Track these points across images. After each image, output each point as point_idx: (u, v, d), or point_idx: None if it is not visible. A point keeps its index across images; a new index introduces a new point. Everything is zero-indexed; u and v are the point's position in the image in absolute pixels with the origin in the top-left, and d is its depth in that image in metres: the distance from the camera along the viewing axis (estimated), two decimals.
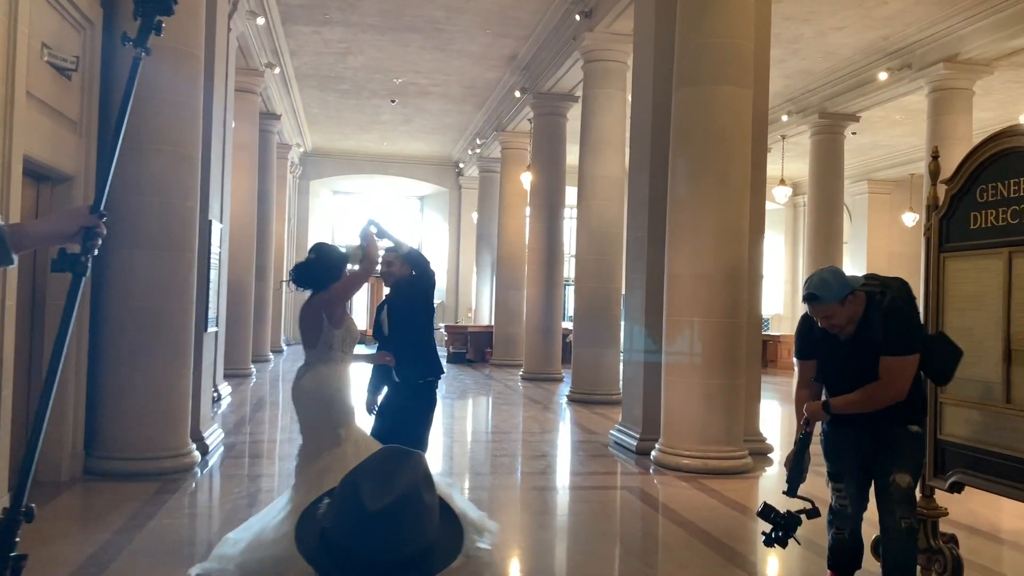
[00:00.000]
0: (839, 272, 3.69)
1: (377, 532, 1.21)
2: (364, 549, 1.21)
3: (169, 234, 6.74)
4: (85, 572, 4.42)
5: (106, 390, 6.67)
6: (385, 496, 1.23)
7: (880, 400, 3.60)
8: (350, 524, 1.23)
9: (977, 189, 4.29)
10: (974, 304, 4.29)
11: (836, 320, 3.62)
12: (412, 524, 1.24)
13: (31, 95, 5.39)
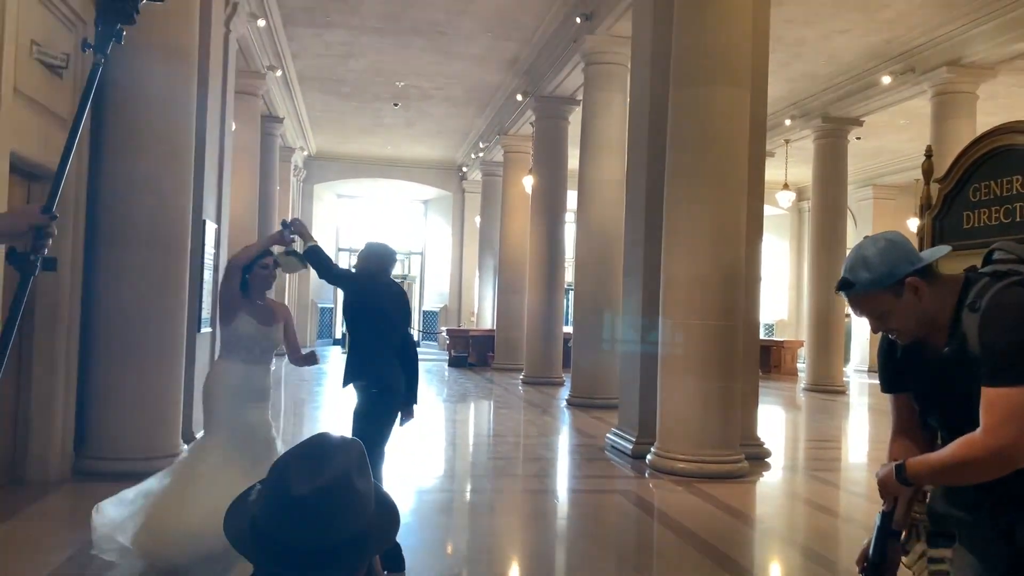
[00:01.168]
0: (895, 242, 2.06)
1: (304, 518, 1.19)
2: (291, 536, 1.19)
3: (160, 233, 6.70)
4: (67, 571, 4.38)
5: (97, 390, 6.64)
6: (313, 481, 1.20)
7: (981, 464, 1.89)
8: (277, 510, 1.20)
9: (970, 188, 4.22)
10: None
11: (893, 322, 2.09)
12: (342, 511, 1.21)
13: (20, 92, 5.37)
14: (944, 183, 4.39)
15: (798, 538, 6.03)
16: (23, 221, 1.83)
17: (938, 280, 2.00)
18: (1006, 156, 4.00)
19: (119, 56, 6.39)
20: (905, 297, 1.99)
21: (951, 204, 4.36)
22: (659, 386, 7.70)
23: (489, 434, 10.73)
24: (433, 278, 27.96)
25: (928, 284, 1.97)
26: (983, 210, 4.13)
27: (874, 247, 2.02)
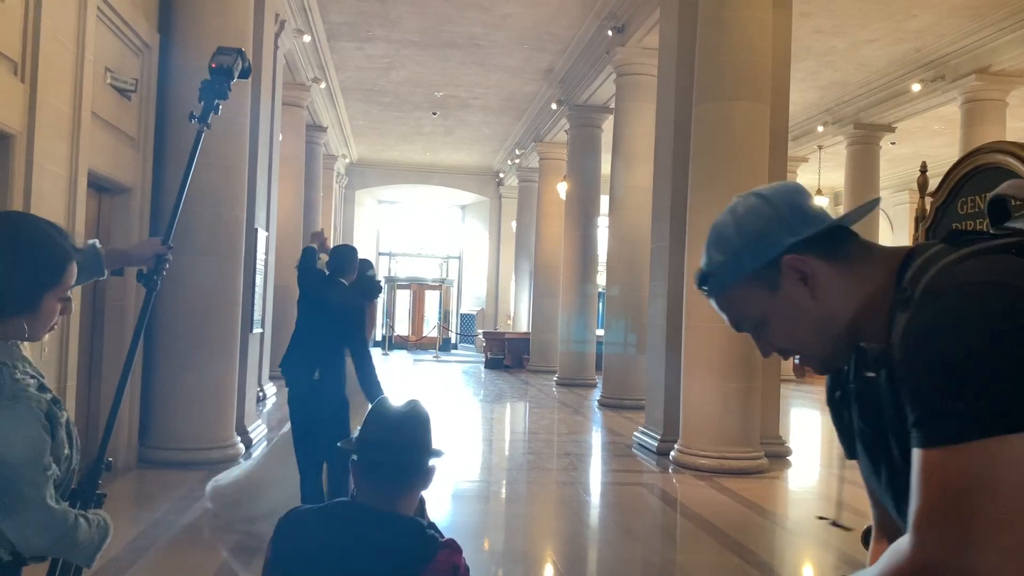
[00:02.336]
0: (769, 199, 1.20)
1: (399, 427, 1.85)
2: (394, 437, 1.83)
3: (218, 242, 7.28)
4: (138, 545, 4.92)
5: (159, 386, 7.22)
6: (402, 408, 1.89)
7: None
8: (380, 425, 1.86)
9: (958, 201, 4.58)
10: None
11: (776, 336, 1.22)
12: (420, 425, 1.88)
13: (95, 115, 5.94)
14: (936, 196, 4.75)
15: (811, 530, 6.38)
16: (149, 250, 2.36)
17: (861, 259, 1.16)
18: (989, 173, 4.35)
19: (182, 80, 7.00)
20: (785, 290, 1.16)
21: (942, 216, 4.71)
22: (682, 386, 8.09)
23: (523, 432, 11.18)
24: (470, 282, 28.50)
25: (833, 265, 1.14)
26: (969, 223, 4.48)
27: (734, 213, 1.20)
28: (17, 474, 1.62)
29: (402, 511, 1.81)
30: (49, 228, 1.84)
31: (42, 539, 1.68)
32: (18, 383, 1.67)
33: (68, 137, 5.43)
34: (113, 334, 6.80)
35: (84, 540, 1.74)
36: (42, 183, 5.04)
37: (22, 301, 1.74)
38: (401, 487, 1.83)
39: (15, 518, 1.63)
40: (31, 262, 1.74)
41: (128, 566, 4.55)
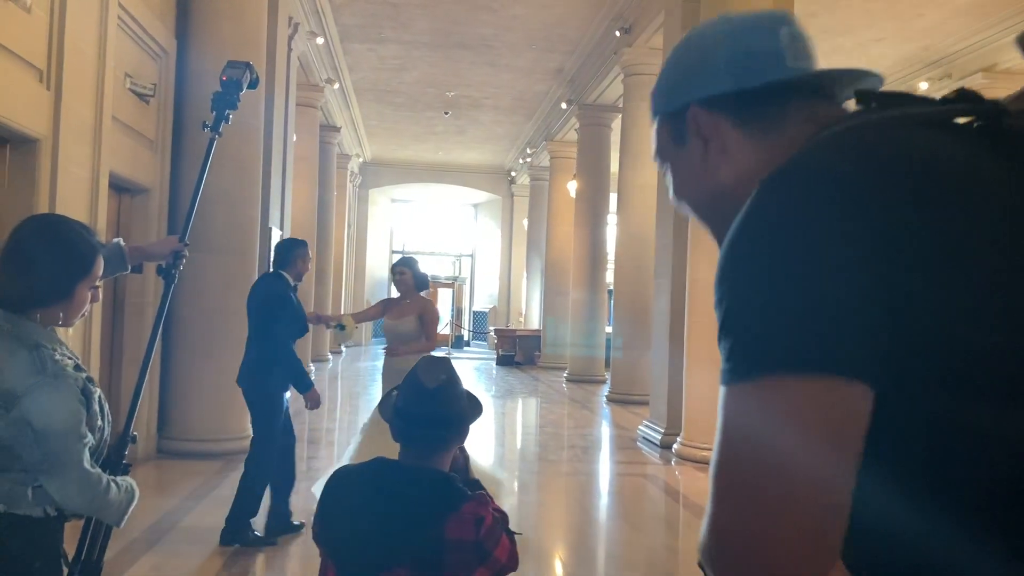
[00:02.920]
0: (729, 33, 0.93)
1: (433, 399, 1.95)
2: (424, 410, 1.94)
3: (233, 240, 7.54)
4: (157, 527, 5.18)
5: (177, 379, 7.49)
6: (436, 379, 1.99)
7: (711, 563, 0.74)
8: (415, 396, 1.97)
9: None
10: None
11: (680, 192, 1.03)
12: (453, 396, 2.00)
13: (115, 119, 6.20)
14: None
15: None
16: (168, 247, 2.64)
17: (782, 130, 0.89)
18: None
19: (198, 83, 7.25)
20: (688, 146, 0.96)
21: None
22: (684, 381, 8.28)
23: (531, 426, 11.40)
24: (483, 279, 28.74)
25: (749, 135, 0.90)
26: None
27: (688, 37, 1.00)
28: (59, 441, 1.86)
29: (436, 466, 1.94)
30: (78, 226, 2.10)
31: (79, 498, 1.92)
32: (58, 363, 1.91)
33: (90, 141, 5.69)
34: (132, 329, 7.07)
35: (114, 501, 1.98)
36: (66, 185, 5.30)
37: (59, 291, 1.99)
38: (433, 452, 1.95)
39: (57, 479, 1.88)
40: (65, 257, 2.00)
41: (148, 548, 4.81)
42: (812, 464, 0.66)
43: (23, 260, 1.97)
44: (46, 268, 1.96)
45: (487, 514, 1.83)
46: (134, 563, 4.53)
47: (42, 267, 1.96)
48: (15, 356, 1.87)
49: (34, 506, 1.91)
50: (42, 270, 1.96)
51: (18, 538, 1.90)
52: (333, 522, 1.90)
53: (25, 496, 1.89)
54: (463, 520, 1.79)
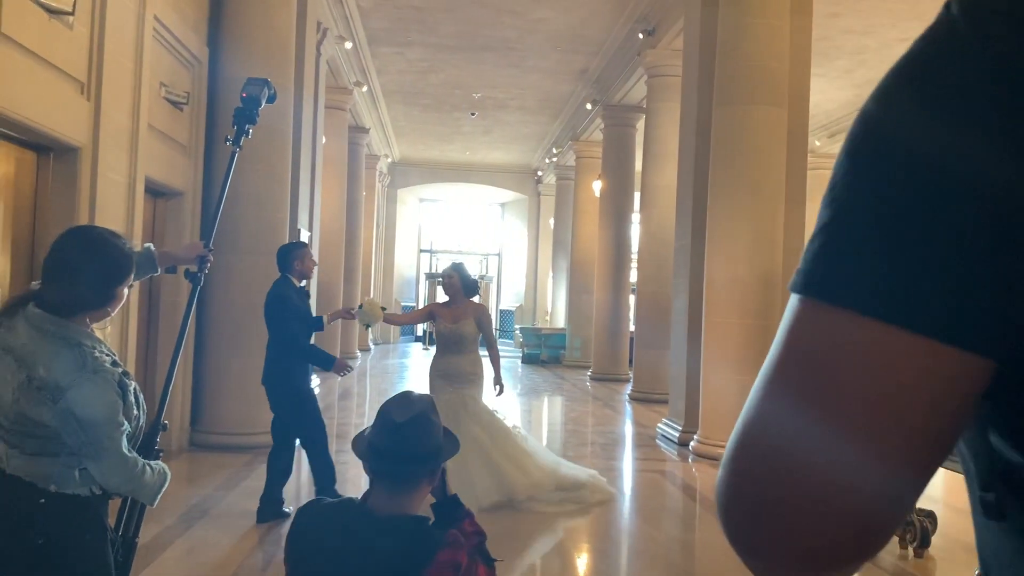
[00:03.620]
0: None
1: (402, 436, 1.96)
2: (394, 447, 1.96)
3: (262, 241, 7.82)
4: (189, 516, 5.46)
5: (208, 375, 7.79)
6: (407, 415, 1.99)
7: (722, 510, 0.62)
8: (386, 432, 1.98)
9: None
10: None
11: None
12: (424, 432, 1.99)
13: (151, 126, 6.50)
14: None
15: None
16: (194, 252, 2.89)
17: None
18: None
19: (229, 90, 7.54)
20: None
21: None
22: (701, 380, 8.44)
23: (553, 423, 11.60)
24: (509, 278, 28.96)
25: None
26: None
27: None
28: (99, 429, 2.11)
29: (410, 509, 1.92)
30: (111, 236, 2.35)
31: (118, 479, 2.18)
32: (97, 360, 2.16)
33: (128, 148, 5.99)
34: (166, 327, 7.38)
35: (149, 482, 2.23)
36: (105, 190, 5.60)
37: (105, 295, 2.27)
38: (406, 490, 1.94)
39: (99, 462, 2.13)
40: (105, 266, 2.26)
41: (181, 533, 5.09)
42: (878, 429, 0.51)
43: (68, 271, 2.22)
44: (89, 277, 2.22)
45: (462, 556, 1.83)
46: (168, 546, 4.80)
47: (86, 276, 2.21)
48: (60, 355, 2.11)
49: (81, 486, 2.16)
50: (86, 279, 2.21)
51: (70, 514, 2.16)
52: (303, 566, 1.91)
53: (73, 477, 2.15)
54: (440, 570, 1.78)
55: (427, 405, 2.01)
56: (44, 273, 2.25)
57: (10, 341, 2.14)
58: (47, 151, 5.24)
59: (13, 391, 2.09)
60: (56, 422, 2.08)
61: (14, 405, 2.09)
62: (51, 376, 2.08)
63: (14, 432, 2.11)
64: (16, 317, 2.18)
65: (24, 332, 2.14)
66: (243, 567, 4.62)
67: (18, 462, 2.12)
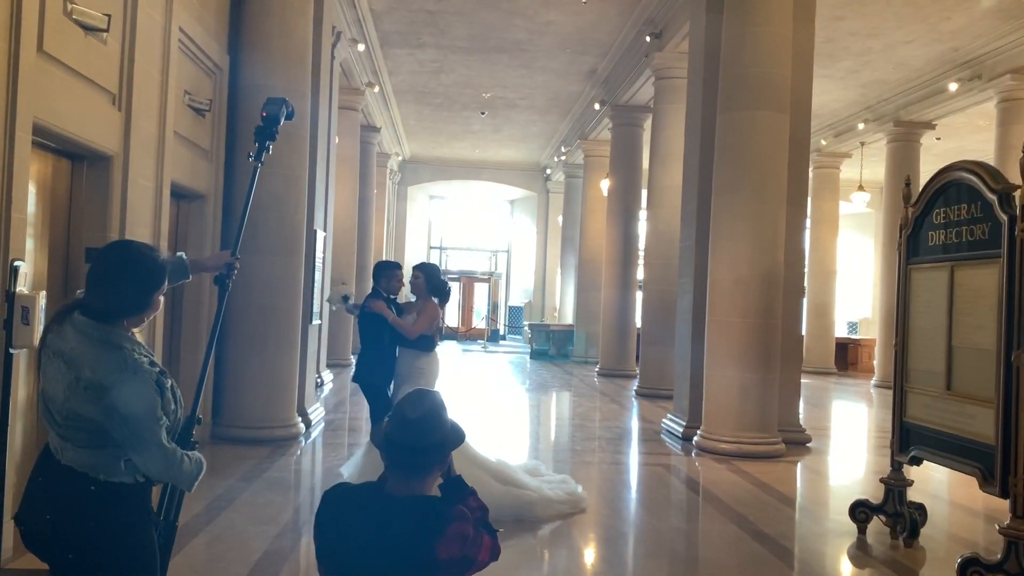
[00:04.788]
0: None
1: (414, 429, 2.23)
2: (407, 438, 2.23)
3: (282, 242, 8.11)
4: (215, 505, 5.76)
5: (229, 370, 8.09)
6: (418, 411, 2.27)
7: None
8: (400, 425, 2.26)
9: (933, 212, 5.13)
10: (929, 308, 5.12)
11: None
12: (434, 426, 2.26)
13: (176, 133, 6.78)
14: (915, 207, 5.31)
15: (812, 507, 6.96)
16: (222, 260, 3.14)
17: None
18: (957, 188, 4.91)
19: (249, 96, 7.82)
20: None
21: (920, 225, 5.27)
22: (705, 377, 8.69)
23: (560, 418, 11.87)
24: (518, 275, 29.22)
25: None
26: (941, 231, 5.05)
27: None
28: (140, 423, 2.35)
29: (423, 491, 2.18)
30: (145, 248, 2.61)
31: (158, 468, 2.42)
32: (136, 361, 2.41)
33: (155, 155, 6.28)
34: (190, 324, 7.67)
35: (186, 470, 2.47)
36: (135, 195, 5.88)
37: (143, 302, 2.53)
38: (419, 476, 2.19)
39: (141, 453, 2.38)
40: (145, 277, 2.53)
41: (208, 522, 5.38)
42: None
43: (111, 282, 2.47)
44: (129, 287, 2.48)
45: (469, 528, 2.10)
46: (197, 535, 5.10)
47: (127, 287, 2.47)
48: (103, 357, 2.37)
49: (126, 474, 2.41)
50: (126, 289, 2.47)
51: (117, 500, 2.42)
52: (330, 545, 2.16)
53: (119, 467, 2.40)
54: (450, 541, 2.05)
55: (436, 402, 2.27)
56: (88, 283, 2.50)
57: (60, 345, 2.40)
58: (81, 159, 5.52)
59: (64, 390, 2.34)
60: (101, 417, 2.32)
61: (65, 403, 2.34)
62: (96, 376, 2.33)
63: (67, 427, 2.37)
64: (64, 323, 2.43)
65: (72, 337, 2.40)
66: (267, 553, 4.90)
67: (71, 454, 2.38)
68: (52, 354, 2.40)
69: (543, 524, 5.81)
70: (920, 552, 5.31)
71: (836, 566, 5.45)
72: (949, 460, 4.91)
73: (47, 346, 2.44)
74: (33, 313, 3.99)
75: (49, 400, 2.40)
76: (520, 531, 5.61)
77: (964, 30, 12.85)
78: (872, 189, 21.05)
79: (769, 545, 5.54)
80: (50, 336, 2.45)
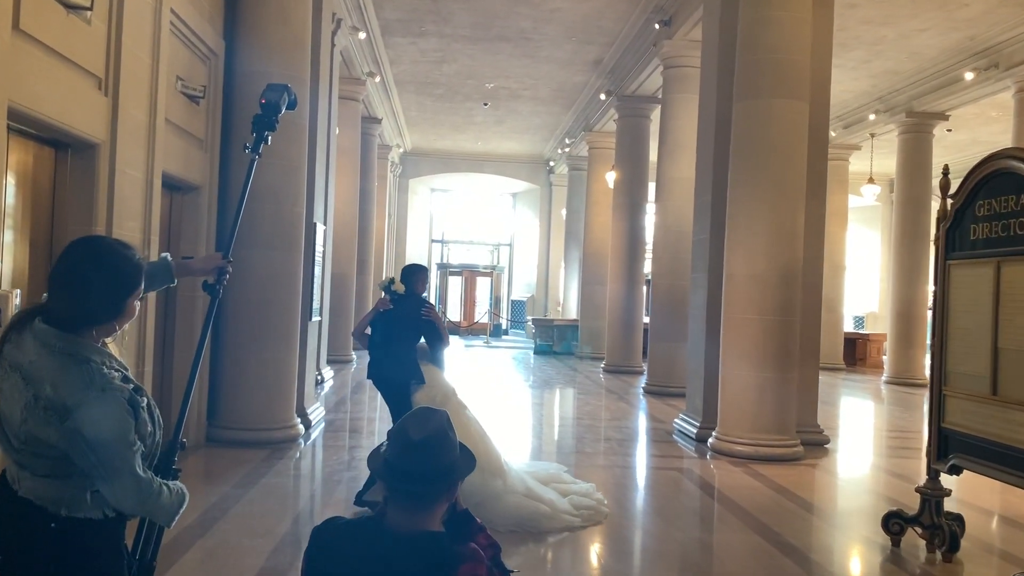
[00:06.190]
0: None
1: (418, 453, 1.91)
2: (410, 465, 1.91)
3: (280, 236, 7.77)
4: (209, 516, 5.43)
5: (226, 370, 7.76)
6: (423, 431, 1.94)
7: None
8: (402, 449, 1.93)
9: (976, 204, 4.79)
10: (971, 307, 4.79)
11: None
12: (441, 449, 1.94)
13: (168, 121, 6.44)
14: (955, 199, 4.97)
15: (838, 515, 6.64)
16: (212, 264, 2.74)
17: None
18: (1004, 178, 4.57)
19: (245, 83, 7.47)
20: None
21: (961, 218, 4.93)
22: (720, 376, 8.36)
23: (568, 417, 11.54)
24: (521, 268, 28.89)
25: None
26: (985, 224, 4.71)
27: None
28: (109, 449, 1.98)
29: (428, 526, 1.90)
30: (120, 246, 2.22)
31: (132, 501, 2.05)
32: (105, 376, 2.04)
33: (144, 143, 5.94)
34: (184, 321, 7.34)
35: (165, 504, 2.10)
36: (123, 186, 5.55)
37: (115, 309, 2.14)
38: (424, 509, 1.90)
39: (110, 484, 2.01)
40: (116, 278, 2.14)
41: (201, 534, 5.05)
42: None
43: (77, 284, 2.09)
44: (99, 290, 2.10)
45: (483, 570, 1.84)
46: (188, 549, 4.77)
47: (96, 289, 2.09)
48: (66, 371, 2.00)
49: (93, 509, 2.06)
50: (96, 292, 2.09)
51: (82, 538, 2.06)
52: None
53: (84, 500, 2.05)
54: None
55: (443, 421, 1.96)
56: (50, 285, 2.13)
57: (18, 358, 2.04)
58: (65, 147, 5.19)
59: (21, 410, 1.99)
60: (64, 443, 1.97)
61: (23, 425, 1.99)
62: (57, 395, 1.98)
63: (24, 453, 2.02)
64: (24, 332, 2.07)
65: (31, 348, 2.04)
66: (264, 570, 4.57)
67: (29, 484, 2.03)
68: (8, 368, 2.04)
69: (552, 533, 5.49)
70: (960, 567, 4.98)
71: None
72: (994, 470, 4.58)
73: (3, 358, 2.06)
74: (5, 312, 3.66)
75: (4, 421, 2.03)
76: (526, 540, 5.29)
77: (981, 18, 12.49)
78: (879, 182, 20.70)
79: (797, 558, 5.22)
80: (7, 347, 2.07)
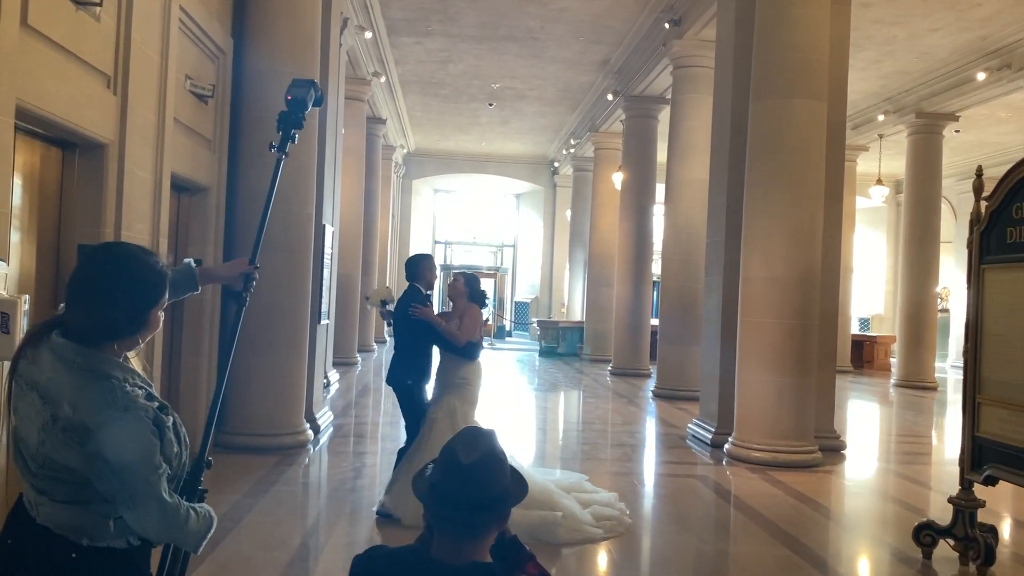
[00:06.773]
0: None
1: (468, 478, 1.76)
2: (460, 491, 1.76)
3: (289, 238, 7.62)
4: (220, 526, 5.26)
5: (234, 375, 7.50)
6: (474, 455, 1.79)
7: None
8: (450, 474, 1.78)
9: (1013, 206, 4.65)
10: (1008, 312, 4.64)
11: None
12: (492, 474, 1.79)
13: (176, 120, 6.30)
14: (991, 201, 4.82)
15: (863, 525, 6.49)
16: (238, 270, 2.57)
17: None
18: None
19: (254, 82, 7.33)
20: None
21: (996, 220, 4.79)
22: (736, 380, 8.21)
23: (577, 421, 11.40)
24: (525, 270, 28.75)
25: None
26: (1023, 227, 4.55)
27: None
28: (133, 474, 1.84)
29: (479, 557, 1.78)
30: (143, 254, 2.06)
31: (157, 527, 1.90)
32: (128, 395, 1.89)
33: (153, 143, 5.79)
34: (191, 324, 7.20)
35: (193, 529, 1.96)
36: (132, 187, 5.40)
37: (138, 320, 1.98)
38: (473, 538, 1.78)
39: (135, 511, 1.87)
40: (140, 287, 1.98)
41: (214, 546, 4.90)
42: None
43: (98, 295, 1.95)
44: (122, 301, 1.95)
45: None
46: (202, 562, 4.61)
47: (118, 300, 1.95)
48: (86, 389, 1.86)
49: (117, 537, 1.92)
50: (118, 303, 1.95)
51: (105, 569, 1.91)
52: None
53: (107, 528, 1.90)
54: None
55: (494, 444, 1.82)
56: (68, 296, 1.97)
57: (34, 375, 1.89)
58: (73, 147, 5.04)
59: (38, 431, 1.85)
60: (85, 467, 1.83)
61: (40, 447, 1.84)
62: (77, 415, 1.83)
63: (42, 477, 1.87)
64: (40, 347, 1.93)
65: (48, 364, 1.89)
66: None
67: (48, 510, 1.88)
68: (25, 386, 1.89)
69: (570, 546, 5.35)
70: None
71: None
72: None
73: (19, 375, 1.91)
74: (14, 320, 3.51)
75: (21, 443, 1.89)
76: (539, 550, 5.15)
77: (995, 17, 12.35)
78: (886, 183, 20.55)
79: (825, 571, 5.07)
80: (22, 363, 1.92)
